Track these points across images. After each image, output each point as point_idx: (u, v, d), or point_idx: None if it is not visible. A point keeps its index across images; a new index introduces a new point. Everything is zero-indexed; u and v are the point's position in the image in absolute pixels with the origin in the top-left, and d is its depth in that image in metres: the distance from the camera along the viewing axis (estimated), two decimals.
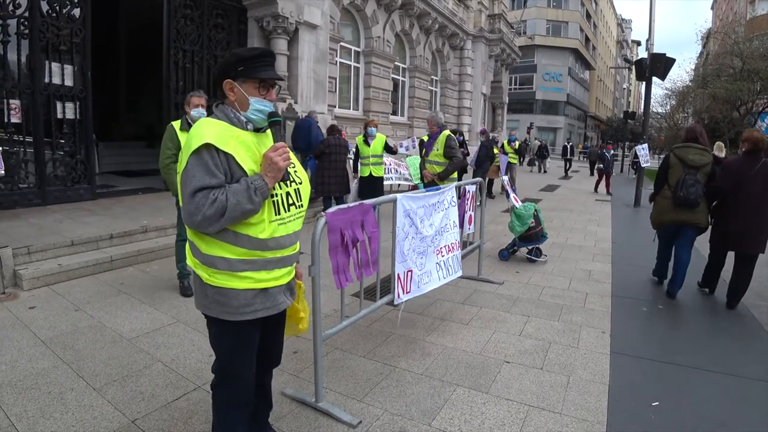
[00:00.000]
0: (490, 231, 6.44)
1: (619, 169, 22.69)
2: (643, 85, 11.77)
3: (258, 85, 1.57)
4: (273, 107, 1.59)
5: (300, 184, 1.68)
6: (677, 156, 4.08)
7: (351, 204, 2.54)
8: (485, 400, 2.44)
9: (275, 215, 1.57)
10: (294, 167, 1.67)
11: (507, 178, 7.23)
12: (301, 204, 1.67)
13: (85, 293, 3.82)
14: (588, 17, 47.40)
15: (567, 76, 42.98)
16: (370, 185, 6.53)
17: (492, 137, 11.93)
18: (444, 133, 5.09)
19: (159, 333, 3.14)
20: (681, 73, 79.36)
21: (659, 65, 10.20)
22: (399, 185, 9.46)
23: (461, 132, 12.56)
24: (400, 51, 14.74)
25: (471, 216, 4.33)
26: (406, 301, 3.12)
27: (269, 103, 1.58)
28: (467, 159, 8.75)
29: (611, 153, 14.53)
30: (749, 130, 4.41)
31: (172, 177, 3.36)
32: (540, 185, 14.55)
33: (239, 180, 1.48)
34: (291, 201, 1.62)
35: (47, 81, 6.02)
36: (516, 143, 12.12)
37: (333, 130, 6.68)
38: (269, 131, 1.64)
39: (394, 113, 14.63)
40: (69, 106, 6.30)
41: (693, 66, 31.93)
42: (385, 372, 2.70)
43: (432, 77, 16.88)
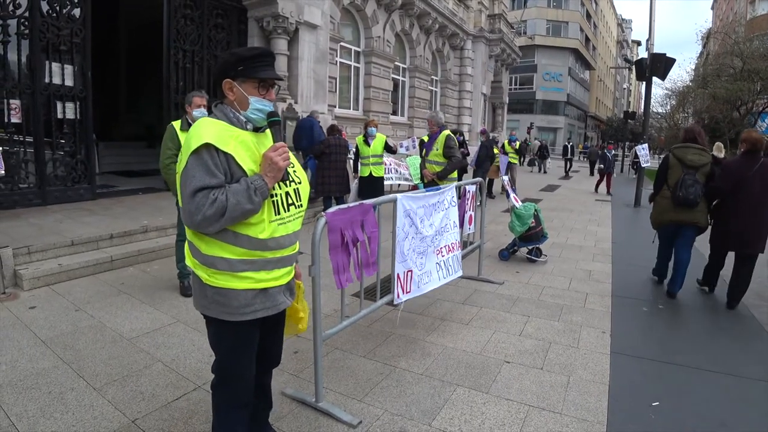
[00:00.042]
0: (490, 231, 6.44)
1: (620, 169, 22.69)
2: (644, 85, 11.78)
3: (257, 85, 1.57)
4: (272, 107, 1.59)
5: (299, 184, 1.68)
6: (676, 156, 4.10)
7: (351, 204, 2.54)
8: (485, 400, 2.44)
9: (275, 215, 1.57)
10: (293, 167, 1.67)
11: (507, 178, 7.24)
12: (301, 204, 1.68)
13: (86, 293, 3.82)
14: (588, 17, 47.39)
15: (567, 76, 42.97)
16: (370, 185, 6.53)
17: (492, 137, 11.93)
18: (444, 133, 5.10)
19: (159, 333, 3.14)
20: (681, 73, 79.55)
21: (659, 65, 10.20)
22: (399, 185, 9.46)
23: (461, 132, 12.55)
24: (400, 51, 14.73)
25: (471, 216, 4.33)
26: (406, 301, 3.12)
27: (269, 103, 1.58)
28: (467, 159, 8.75)
29: (612, 153, 14.53)
30: (748, 130, 4.42)
31: (172, 177, 3.32)
32: (540, 185, 14.54)
33: (239, 180, 1.48)
34: (290, 201, 1.62)
35: (47, 81, 6.02)
36: (516, 143, 12.11)
37: (333, 130, 6.69)
38: (269, 131, 1.64)
39: (394, 113, 14.62)
40: (69, 106, 6.30)
41: (693, 66, 31.97)
42: (385, 372, 2.70)
43: (432, 77, 16.86)
